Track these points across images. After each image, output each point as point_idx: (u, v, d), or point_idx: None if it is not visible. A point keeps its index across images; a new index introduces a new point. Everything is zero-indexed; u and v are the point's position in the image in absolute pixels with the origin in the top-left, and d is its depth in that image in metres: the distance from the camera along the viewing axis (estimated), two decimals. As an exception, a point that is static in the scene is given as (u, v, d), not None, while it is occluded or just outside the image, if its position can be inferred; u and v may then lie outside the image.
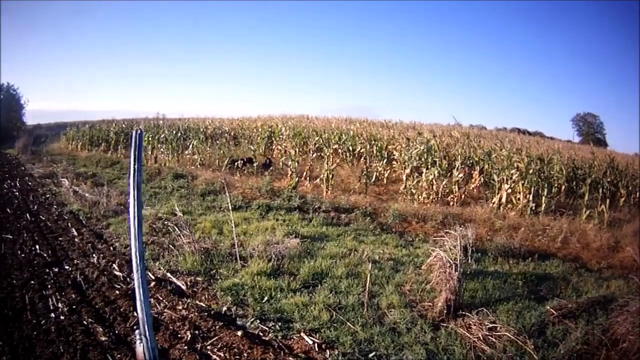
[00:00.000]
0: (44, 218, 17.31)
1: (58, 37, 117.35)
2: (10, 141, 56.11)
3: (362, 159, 26.44)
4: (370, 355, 7.41)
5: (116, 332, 8.17)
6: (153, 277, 10.76)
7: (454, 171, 20.71)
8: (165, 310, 9.01)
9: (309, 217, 16.85)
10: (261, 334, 8.14)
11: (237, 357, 7.30)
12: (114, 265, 11.70)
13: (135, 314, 8.42)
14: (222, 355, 7.34)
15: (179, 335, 7.99)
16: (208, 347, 7.59)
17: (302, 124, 37.14)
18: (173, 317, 8.71)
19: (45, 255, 12.65)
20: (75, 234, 14.91)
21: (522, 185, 18.64)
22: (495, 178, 19.90)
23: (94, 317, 8.73)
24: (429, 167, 21.69)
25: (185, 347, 7.49)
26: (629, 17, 73.32)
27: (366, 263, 10.89)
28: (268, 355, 7.28)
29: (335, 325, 8.32)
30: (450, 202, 19.50)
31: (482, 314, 8.45)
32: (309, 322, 8.41)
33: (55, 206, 19.68)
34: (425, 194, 19.99)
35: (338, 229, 15.32)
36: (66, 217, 17.38)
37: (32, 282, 10.54)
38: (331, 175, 22.02)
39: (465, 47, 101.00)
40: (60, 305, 9.24)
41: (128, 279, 10.61)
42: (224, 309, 9.18)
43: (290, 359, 7.26)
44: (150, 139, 35.23)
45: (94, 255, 12.63)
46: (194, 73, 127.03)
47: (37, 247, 13.35)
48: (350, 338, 7.80)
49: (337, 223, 16.41)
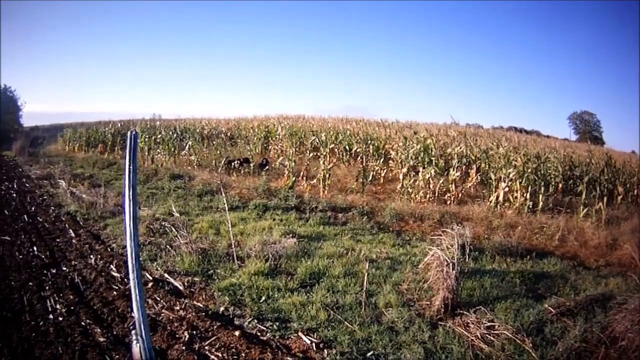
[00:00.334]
0: (41, 219, 17.32)
1: (54, 39, 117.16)
2: (8, 143, 56.11)
3: (359, 158, 26.32)
4: (368, 354, 7.40)
5: (114, 332, 8.17)
6: (150, 278, 10.76)
7: (451, 170, 20.83)
8: (163, 311, 9.01)
9: (306, 217, 16.87)
10: (259, 334, 8.15)
11: (235, 357, 7.30)
12: (112, 266, 11.68)
13: (133, 314, 8.56)
14: (220, 355, 7.34)
15: (177, 336, 7.98)
16: (206, 348, 7.58)
17: (298, 123, 37.24)
18: (171, 318, 8.71)
19: (43, 256, 12.63)
20: (73, 235, 14.89)
21: (520, 183, 18.68)
22: (492, 176, 20.01)
23: (92, 318, 8.73)
24: (426, 166, 21.80)
25: (183, 348, 7.49)
26: (627, 15, 73.33)
27: (363, 262, 10.80)
28: (266, 355, 7.27)
29: (333, 324, 8.33)
30: (447, 201, 19.50)
31: (480, 312, 8.46)
32: (307, 321, 8.40)
33: (52, 207, 19.66)
34: (422, 193, 20.00)
35: (335, 229, 15.33)
36: (63, 219, 17.35)
37: (30, 283, 10.53)
38: (328, 175, 22.02)
39: (462, 47, 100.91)
40: (58, 307, 9.22)
41: (126, 280, 10.56)
42: (222, 309, 9.17)
43: (288, 358, 7.26)
44: (147, 139, 35.26)
45: (92, 256, 12.62)
46: (190, 74, 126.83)
47: (35, 248, 13.33)
48: (348, 337, 7.79)
49: (334, 222, 16.45)
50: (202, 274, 11.04)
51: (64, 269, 11.74)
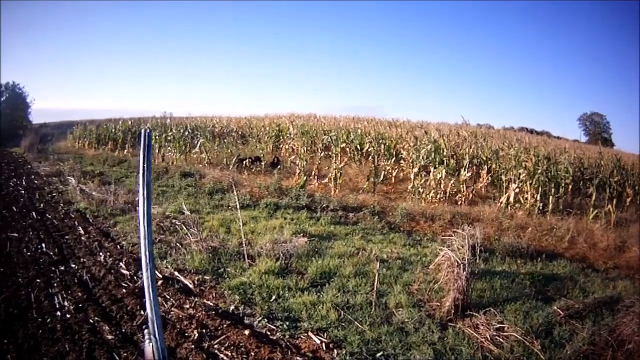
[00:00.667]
0: (50, 216, 17.31)
1: (65, 36, 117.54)
2: (16, 140, 56.22)
3: (370, 157, 26.27)
4: (378, 354, 7.40)
5: (123, 330, 8.15)
6: (160, 276, 10.73)
7: (462, 170, 20.78)
8: (173, 309, 9.00)
9: (317, 216, 16.85)
10: (269, 333, 8.14)
11: (244, 356, 7.28)
12: (121, 263, 11.67)
13: (142, 312, 8.54)
14: (229, 354, 7.33)
15: (186, 334, 7.98)
16: (215, 346, 7.57)
17: (309, 122, 37.14)
18: (180, 316, 8.70)
19: (51, 253, 12.63)
20: (82, 232, 14.89)
21: (530, 184, 18.64)
22: (503, 177, 20.02)
23: (101, 315, 8.71)
24: (437, 166, 21.64)
25: (192, 346, 7.48)
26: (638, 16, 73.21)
27: (374, 262, 10.84)
28: (275, 354, 7.27)
29: (343, 324, 8.33)
30: (458, 202, 19.52)
31: (489, 314, 8.45)
32: (317, 321, 8.41)
33: (61, 204, 19.66)
34: (433, 193, 20.02)
35: (346, 228, 15.30)
36: (73, 216, 17.37)
37: (37, 280, 10.52)
38: (339, 174, 22.06)
39: (473, 47, 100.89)
40: (66, 304, 9.21)
41: (135, 278, 10.63)
42: (232, 307, 9.17)
43: (297, 358, 7.25)
44: (158, 137, 35.14)
45: (101, 253, 12.60)
46: (201, 72, 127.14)
47: (43, 245, 13.33)
48: (357, 337, 7.79)
49: (345, 222, 16.40)
50: (213, 272, 11.03)
51: (73, 266, 11.72)
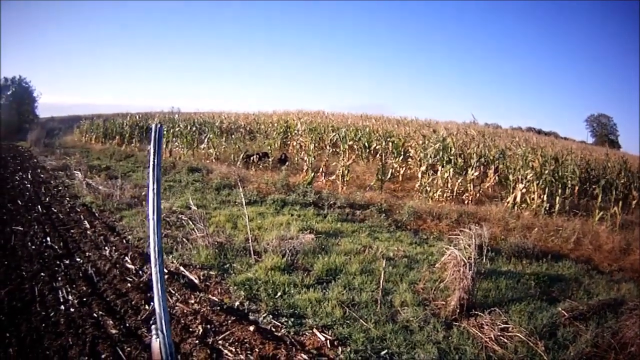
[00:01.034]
0: (55, 210, 17.37)
1: (73, 30, 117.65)
2: (23, 134, 56.36)
3: (378, 155, 26.29)
4: (383, 352, 7.40)
5: (127, 325, 8.19)
6: (166, 271, 10.65)
7: (470, 169, 20.80)
8: (178, 304, 9.03)
9: (324, 213, 16.83)
10: (273, 330, 8.14)
11: (248, 352, 7.28)
12: (127, 258, 11.69)
13: (147, 307, 8.65)
14: (234, 350, 7.33)
15: (191, 329, 8.00)
16: (219, 342, 7.58)
17: (317, 119, 37.35)
18: (185, 311, 8.72)
19: (57, 247, 12.67)
20: (88, 226, 14.93)
21: (537, 185, 18.61)
22: (510, 177, 19.98)
23: (105, 309, 8.75)
24: (445, 165, 21.70)
25: (197, 341, 7.49)
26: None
27: (380, 260, 10.89)
28: (280, 351, 7.27)
29: (348, 322, 8.34)
30: (465, 201, 19.57)
31: (494, 313, 8.48)
32: (322, 318, 8.42)
33: (67, 198, 19.71)
34: (441, 191, 20.08)
35: (353, 225, 15.32)
36: (78, 210, 17.41)
37: (42, 274, 10.55)
38: (347, 171, 22.15)
39: (482, 46, 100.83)
40: (70, 298, 9.25)
41: (140, 272, 10.70)
42: (237, 303, 9.18)
43: (302, 355, 7.24)
44: (165, 132, 35.05)
45: (106, 247, 12.64)
46: (210, 68, 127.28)
47: (48, 239, 13.37)
48: (362, 335, 7.80)
49: (352, 219, 16.39)
50: (218, 268, 11.04)
51: (78, 260, 11.76)
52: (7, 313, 8.60)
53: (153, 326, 5.49)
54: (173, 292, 9.58)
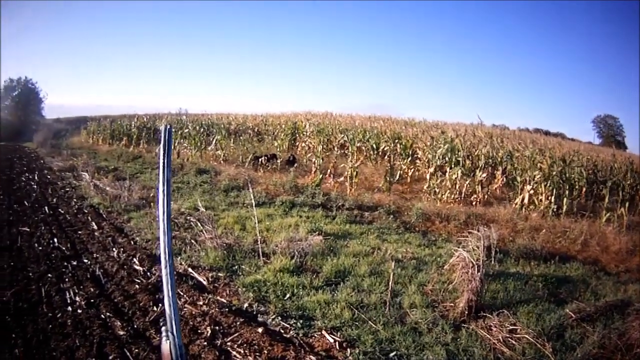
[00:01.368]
0: (62, 211, 17.41)
1: (80, 31, 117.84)
2: (29, 135, 56.57)
3: (386, 157, 26.45)
4: (391, 354, 7.42)
5: (135, 326, 8.20)
6: (174, 272, 10.69)
7: (477, 171, 20.86)
8: (186, 306, 9.04)
9: (333, 215, 16.87)
10: (282, 331, 8.16)
11: (257, 354, 7.30)
12: (135, 259, 11.72)
13: (155, 308, 8.69)
14: (242, 351, 7.34)
15: (199, 331, 8.02)
16: (228, 344, 7.59)
17: (326, 121, 37.35)
18: (193, 313, 8.74)
19: (64, 248, 12.70)
20: (95, 227, 14.98)
21: (545, 186, 18.60)
22: (518, 178, 20.00)
23: (113, 311, 8.77)
24: (453, 166, 21.79)
25: (205, 343, 7.50)
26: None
27: (389, 262, 10.84)
28: (288, 352, 7.28)
29: (357, 323, 8.34)
30: (473, 202, 19.51)
31: (502, 315, 8.48)
32: (331, 320, 8.44)
33: (75, 200, 19.76)
34: (449, 193, 19.99)
35: (361, 227, 15.32)
36: (86, 211, 17.47)
37: (48, 275, 10.57)
38: (355, 173, 22.02)
39: (488, 47, 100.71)
40: (77, 299, 9.27)
41: (148, 274, 10.74)
42: (246, 305, 9.19)
43: (310, 356, 7.27)
44: (173, 133, 34.55)
45: (114, 249, 12.66)
46: (217, 69, 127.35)
47: (55, 240, 13.40)
48: (371, 337, 7.81)
49: (360, 221, 16.40)
50: (227, 270, 11.07)
51: (85, 261, 11.79)
52: (13, 314, 8.62)
53: (163, 328, 5.50)
54: (181, 293, 9.58)
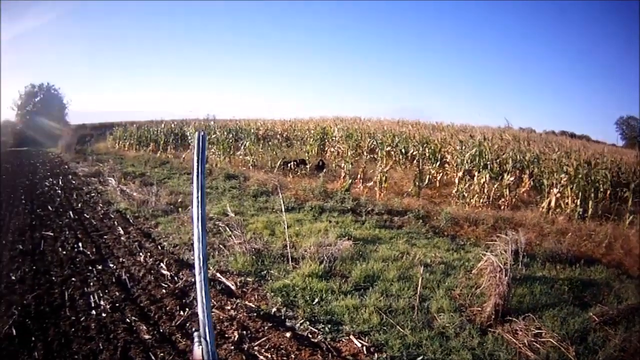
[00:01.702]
0: (88, 216, 17.59)
1: (107, 38, 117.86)
2: (53, 140, 56.91)
3: (415, 161, 26.22)
4: (418, 359, 7.51)
5: (160, 330, 8.30)
6: (205, 278, 10.82)
7: (505, 175, 20.80)
8: (214, 310, 9.02)
9: (362, 220, 16.84)
10: (310, 336, 8.24)
11: (284, 358, 7.38)
12: (162, 264, 11.83)
13: (181, 313, 8.85)
14: (269, 356, 7.42)
15: (226, 335, 8.09)
16: (255, 348, 7.68)
17: (354, 125, 37.15)
18: (221, 317, 8.81)
19: (89, 252, 12.85)
20: (122, 232, 15.11)
21: (570, 189, 18.61)
22: (544, 182, 20.00)
23: (138, 315, 8.87)
24: (481, 170, 21.74)
25: (232, 347, 7.58)
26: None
27: (418, 266, 11.01)
28: (316, 357, 7.38)
29: (385, 328, 8.42)
30: (501, 206, 19.48)
31: (528, 319, 8.53)
32: (359, 324, 8.51)
33: (100, 205, 19.92)
34: (477, 197, 20.01)
35: (391, 232, 15.37)
36: (112, 216, 17.63)
37: (72, 279, 10.71)
38: (384, 178, 22.09)
39: (515, 50, 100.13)
40: (102, 303, 9.39)
41: (175, 278, 10.85)
42: (274, 310, 9.29)
43: (337, 361, 7.32)
44: (202, 139, 35.11)
45: (141, 253, 12.77)
46: (245, 75, 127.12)
47: (80, 244, 13.58)
48: (399, 342, 7.88)
49: (389, 226, 16.40)
50: (255, 275, 11.17)
51: (111, 265, 11.93)
52: (33, 317, 8.77)
53: (195, 333, 5.56)
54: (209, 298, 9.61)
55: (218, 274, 11.14)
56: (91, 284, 10.48)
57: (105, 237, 14.62)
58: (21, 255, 12.64)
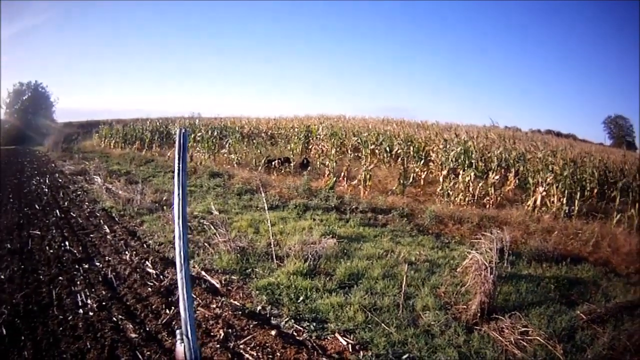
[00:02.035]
0: (74, 215, 17.49)
1: (91, 35, 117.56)
2: (40, 138, 56.85)
3: (399, 159, 26.29)
4: (404, 357, 7.48)
5: (147, 329, 8.25)
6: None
7: (490, 173, 20.92)
8: (199, 308, 9.06)
9: (346, 218, 16.86)
10: (295, 334, 8.21)
11: (270, 356, 7.35)
12: (147, 262, 11.77)
13: (167, 311, 8.76)
14: (255, 354, 7.38)
15: (212, 334, 8.06)
16: (241, 346, 7.63)
17: (339, 124, 37.35)
18: (206, 316, 8.78)
19: (75, 251, 12.75)
20: (108, 231, 15.04)
21: (557, 188, 18.62)
22: (530, 180, 20.09)
23: (125, 313, 8.82)
24: (466, 168, 21.76)
25: (218, 346, 7.55)
26: None
27: (402, 264, 10.94)
28: (301, 355, 7.33)
29: (370, 326, 8.39)
30: (486, 205, 19.46)
31: (514, 317, 8.50)
32: (344, 322, 8.50)
33: (86, 203, 19.87)
34: (462, 195, 20.00)
35: (375, 230, 15.36)
36: (98, 214, 17.53)
37: (60, 278, 10.63)
38: (368, 176, 22.05)
39: (499, 49, 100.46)
40: (89, 302, 9.32)
41: (161, 277, 10.81)
42: (259, 308, 9.26)
43: (323, 359, 7.33)
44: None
45: (127, 252, 12.71)
46: (229, 72, 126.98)
47: (67, 243, 13.47)
48: (384, 339, 7.86)
49: (374, 224, 16.41)
50: (240, 273, 11.13)
51: (97, 264, 11.86)
52: (22, 316, 8.71)
53: (178, 331, 5.54)
54: (194, 296, 9.54)
55: (203, 272, 11.13)
56: (78, 282, 10.41)
57: (92, 235, 14.58)
58: (9, 254, 12.52)
